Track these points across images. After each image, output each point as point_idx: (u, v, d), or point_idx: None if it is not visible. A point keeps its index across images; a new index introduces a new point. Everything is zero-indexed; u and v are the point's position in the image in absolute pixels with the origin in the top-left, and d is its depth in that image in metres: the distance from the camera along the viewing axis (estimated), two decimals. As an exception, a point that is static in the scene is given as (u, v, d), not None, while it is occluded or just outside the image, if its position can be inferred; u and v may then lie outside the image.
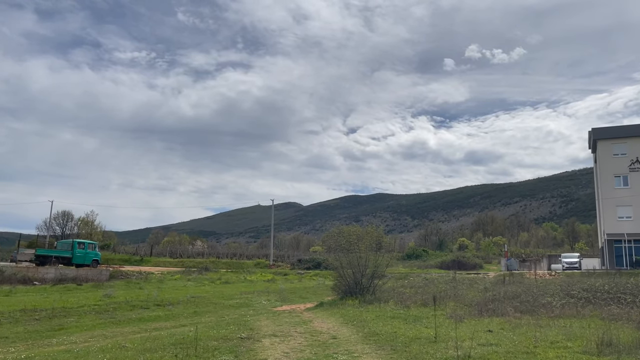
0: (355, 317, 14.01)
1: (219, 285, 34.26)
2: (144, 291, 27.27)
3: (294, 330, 11.62)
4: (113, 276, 38.56)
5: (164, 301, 21.41)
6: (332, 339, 10.57)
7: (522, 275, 39.16)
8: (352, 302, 17.28)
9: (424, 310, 15.91)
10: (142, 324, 14.41)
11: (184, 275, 41.53)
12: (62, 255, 38.36)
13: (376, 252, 19.75)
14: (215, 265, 55.70)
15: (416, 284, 25.77)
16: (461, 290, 21.66)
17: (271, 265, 60.99)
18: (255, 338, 10.29)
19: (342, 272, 18.89)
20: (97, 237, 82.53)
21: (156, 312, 17.42)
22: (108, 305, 19.47)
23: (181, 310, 18.53)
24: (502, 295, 17.18)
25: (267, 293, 26.69)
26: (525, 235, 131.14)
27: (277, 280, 39.97)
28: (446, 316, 14.43)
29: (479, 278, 29.18)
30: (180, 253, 68.81)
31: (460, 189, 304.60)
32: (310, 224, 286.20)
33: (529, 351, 8.59)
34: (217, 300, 22.78)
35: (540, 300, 14.82)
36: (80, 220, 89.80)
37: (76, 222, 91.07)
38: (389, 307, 16.29)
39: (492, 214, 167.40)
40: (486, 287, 22.37)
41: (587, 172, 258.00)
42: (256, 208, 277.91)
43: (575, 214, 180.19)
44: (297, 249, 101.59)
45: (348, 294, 18.60)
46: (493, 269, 59.50)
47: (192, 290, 28.16)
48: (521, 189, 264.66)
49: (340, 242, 19.94)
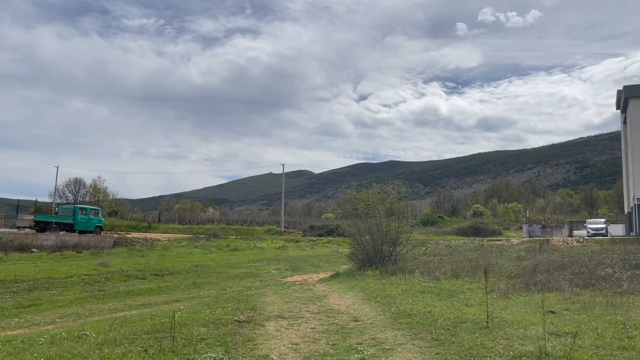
0: (378, 291, 11.84)
1: (226, 252, 32.41)
2: (145, 259, 25.45)
3: (305, 310, 9.47)
4: (117, 243, 36.92)
5: (163, 270, 19.46)
6: (353, 322, 8.41)
7: (547, 241, 36.90)
8: (372, 273, 15.11)
9: (457, 282, 13.70)
10: (129, 299, 12.40)
11: (191, 242, 39.76)
12: (63, 222, 36.63)
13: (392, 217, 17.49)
14: (224, 232, 53.94)
15: (439, 251, 23.59)
16: (492, 258, 19.40)
17: (282, 232, 59.17)
18: (257, 321, 8.14)
19: (360, 238, 16.69)
20: (109, 204, 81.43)
21: (150, 284, 15.43)
22: (100, 276, 17.54)
23: (179, 281, 16.55)
24: (546, 265, 14.88)
25: (277, 261, 24.72)
26: (542, 202, 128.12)
27: (288, 247, 38.08)
28: (483, 290, 12.22)
29: (507, 245, 26.88)
30: (189, 219, 67.16)
31: (473, 155, 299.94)
32: (322, 191, 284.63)
33: (625, 345, 6.31)
34: (221, 270, 20.82)
35: (598, 272, 12.51)
36: (92, 187, 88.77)
37: (88, 190, 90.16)
38: (416, 278, 14.09)
39: (506, 179, 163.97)
40: (519, 255, 20.09)
41: (602, 137, 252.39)
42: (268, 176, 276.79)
43: (590, 180, 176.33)
44: (309, 216, 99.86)
45: (367, 264, 16.43)
46: (512, 235, 57.14)
47: (197, 259, 26.28)
48: (535, 155, 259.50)
49: (358, 206, 17.67)
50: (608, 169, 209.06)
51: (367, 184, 18.72)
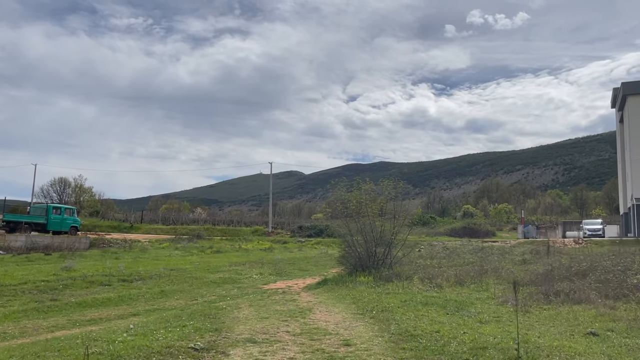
0: (372, 302, 10.05)
1: (208, 254, 30.45)
2: (119, 261, 23.47)
3: (284, 330, 7.63)
4: (93, 244, 34.83)
5: (132, 275, 17.52)
6: (343, 347, 6.60)
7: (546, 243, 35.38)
8: (365, 279, 13.29)
9: (462, 291, 11.95)
10: (78, 312, 10.48)
11: (173, 243, 37.75)
12: (35, 222, 34.40)
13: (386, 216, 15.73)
14: (209, 233, 51.86)
15: (436, 254, 21.86)
16: (494, 262, 17.69)
17: (270, 232, 57.13)
18: (220, 348, 6.29)
19: (351, 240, 14.87)
20: (91, 204, 78.93)
21: (110, 293, 13.47)
22: (58, 282, 15.55)
23: (147, 289, 14.62)
24: (562, 270, 13.16)
25: (261, 264, 22.84)
26: (532, 202, 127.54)
27: (274, 249, 36.17)
28: (498, 301, 10.47)
29: (508, 247, 25.21)
30: (174, 220, 64.87)
31: (462, 157, 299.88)
32: (312, 192, 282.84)
33: None
34: (199, 274, 18.89)
35: (629, 280, 10.81)
36: (77, 187, 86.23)
37: (73, 189, 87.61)
38: (415, 286, 12.29)
39: (497, 180, 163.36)
40: (524, 258, 18.39)
41: (590, 139, 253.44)
42: (258, 176, 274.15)
43: (578, 181, 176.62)
44: (299, 217, 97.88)
45: (359, 268, 14.62)
46: (505, 236, 55.69)
47: (174, 261, 24.32)
48: (524, 156, 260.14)
49: (349, 204, 15.85)
50: (596, 170, 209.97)
51: (360, 179, 16.92)
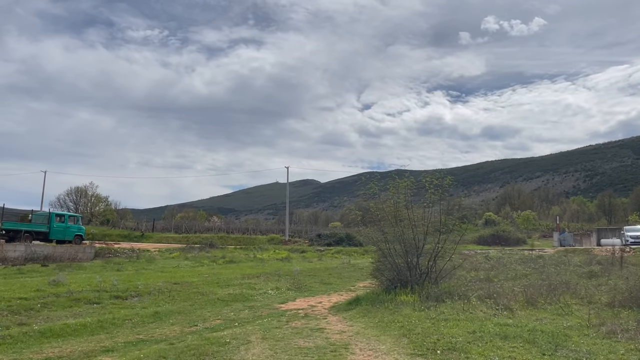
0: (431, 335, 7.30)
1: (220, 265, 27.86)
2: (119, 274, 21.05)
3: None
4: (99, 254, 32.49)
5: (129, 291, 14.95)
6: None
7: (587, 251, 32.28)
8: (409, 299, 10.51)
9: (541, 316, 9.10)
10: (35, 346, 7.88)
11: (184, 253, 35.27)
12: (36, 230, 32.24)
13: (428, 220, 13.03)
14: (223, 242, 49.33)
15: (478, 264, 19.00)
16: (555, 274, 14.79)
17: (286, 241, 54.48)
18: None
19: (388, 248, 12.12)
20: (104, 213, 77.48)
21: (93, 316, 10.86)
22: (39, 299, 13.03)
23: (140, 309, 12.01)
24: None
25: (278, 277, 20.16)
26: (557, 210, 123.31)
27: (292, 258, 33.51)
28: (598, 331, 7.64)
29: (556, 256, 22.20)
30: (187, 228, 62.54)
31: (480, 164, 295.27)
32: (328, 200, 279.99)
33: None
34: (206, 289, 16.28)
35: None
36: (94, 196, 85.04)
37: (89, 199, 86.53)
38: (478, 308, 9.47)
39: (518, 187, 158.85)
40: (591, 270, 15.43)
41: (611, 145, 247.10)
42: (274, 185, 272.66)
43: (601, 188, 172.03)
44: (316, 225, 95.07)
45: (397, 283, 11.84)
46: (538, 244, 52.34)
47: (181, 273, 21.75)
48: (543, 163, 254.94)
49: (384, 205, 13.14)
50: (618, 176, 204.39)
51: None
